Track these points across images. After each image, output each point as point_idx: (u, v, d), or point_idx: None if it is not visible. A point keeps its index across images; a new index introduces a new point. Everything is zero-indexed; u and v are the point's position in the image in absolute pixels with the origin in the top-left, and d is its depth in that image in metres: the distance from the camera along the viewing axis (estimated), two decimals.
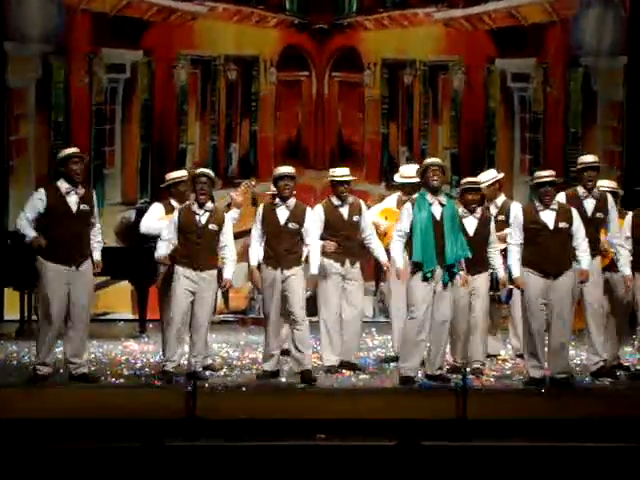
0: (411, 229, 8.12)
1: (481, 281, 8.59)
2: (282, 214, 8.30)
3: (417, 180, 8.59)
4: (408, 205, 8.23)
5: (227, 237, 8.28)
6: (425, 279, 8.07)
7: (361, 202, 8.93)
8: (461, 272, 8.23)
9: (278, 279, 8.25)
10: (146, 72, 12.53)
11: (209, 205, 8.24)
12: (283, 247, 8.27)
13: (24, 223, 8.07)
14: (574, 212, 8.19)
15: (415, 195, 8.34)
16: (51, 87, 12.29)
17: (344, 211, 8.76)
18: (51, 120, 12.29)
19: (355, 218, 8.75)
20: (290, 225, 8.28)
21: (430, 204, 8.11)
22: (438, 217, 8.11)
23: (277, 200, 8.34)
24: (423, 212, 8.10)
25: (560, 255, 8.10)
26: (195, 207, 8.22)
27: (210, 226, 8.20)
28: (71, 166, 8.06)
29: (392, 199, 9.23)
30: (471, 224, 8.54)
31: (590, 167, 8.59)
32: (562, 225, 8.10)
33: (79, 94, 12.37)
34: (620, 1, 12.63)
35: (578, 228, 8.14)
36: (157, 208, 8.68)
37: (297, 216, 8.31)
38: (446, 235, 8.07)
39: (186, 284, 8.15)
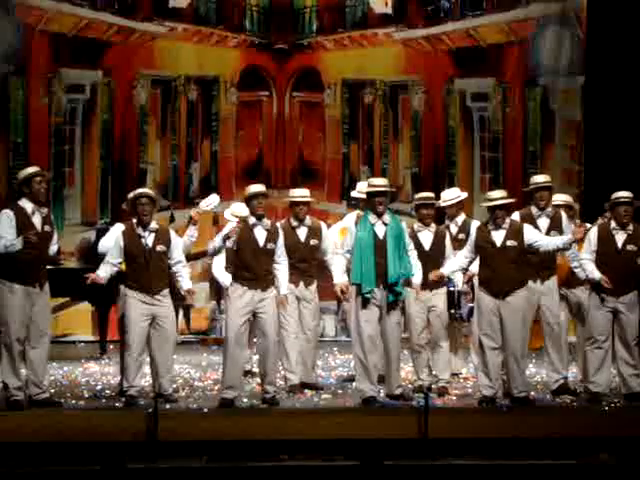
0: None
1: (439, 298, 8.61)
2: (260, 235, 8.12)
3: None
4: (352, 224, 8.31)
5: (177, 253, 8.17)
6: (365, 300, 8.06)
7: (322, 225, 8.93)
8: (409, 289, 8.25)
9: (255, 300, 8.06)
10: (106, 92, 12.51)
11: (153, 225, 8.11)
12: (263, 268, 8.10)
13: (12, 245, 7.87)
14: (525, 228, 8.16)
15: (360, 213, 8.38)
16: (10, 107, 12.24)
17: (301, 233, 8.76)
18: (10, 140, 12.24)
19: (312, 242, 8.75)
20: (269, 246, 8.13)
21: (373, 224, 8.09)
22: (381, 236, 8.10)
23: (253, 220, 8.12)
24: (363, 232, 8.09)
25: (509, 274, 8.07)
26: (139, 229, 8.08)
27: (158, 247, 8.08)
28: (34, 185, 7.93)
29: (351, 217, 9.24)
30: (427, 238, 8.60)
31: (542, 187, 8.65)
32: (510, 243, 8.08)
33: (38, 114, 12.32)
34: (577, 21, 12.76)
35: (532, 237, 8.11)
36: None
37: (273, 236, 8.17)
38: (389, 254, 8.04)
39: (141, 308, 8.05)
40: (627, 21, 12.23)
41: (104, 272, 8.07)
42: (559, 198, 8.94)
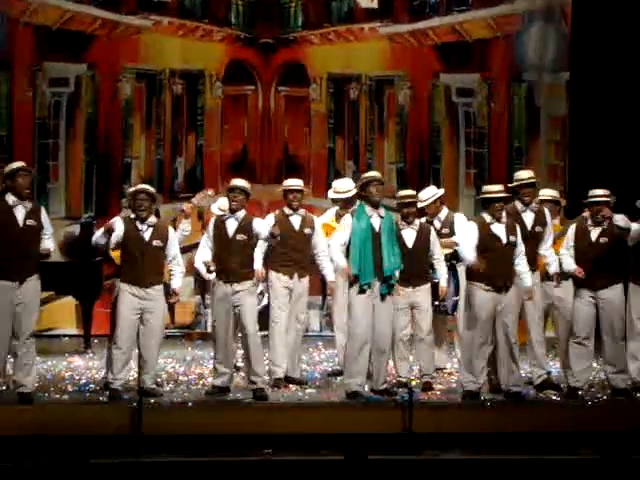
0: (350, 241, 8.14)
1: (423, 294, 8.63)
2: (231, 226, 8.23)
3: (350, 194, 8.77)
4: (348, 217, 8.29)
5: (174, 250, 8.24)
6: (362, 291, 8.09)
7: (314, 217, 8.96)
8: (396, 283, 8.27)
9: (229, 293, 8.17)
10: (90, 86, 12.45)
11: (151, 220, 8.18)
12: (233, 260, 8.18)
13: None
14: (517, 227, 8.28)
15: (355, 207, 8.40)
16: None
17: (295, 221, 8.77)
18: None
19: (307, 230, 8.76)
20: (238, 237, 8.20)
21: (369, 216, 8.14)
22: (377, 229, 8.14)
23: (226, 212, 8.30)
24: (362, 224, 8.12)
25: (510, 269, 8.18)
26: (137, 223, 8.15)
27: (154, 242, 8.14)
28: (18, 180, 7.96)
29: (330, 213, 9.27)
30: (410, 236, 8.58)
31: (526, 184, 8.69)
32: (512, 239, 8.18)
33: (22, 108, 12.25)
34: (562, 17, 12.77)
35: (520, 243, 8.23)
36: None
37: (245, 228, 8.23)
38: (383, 247, 8.10)
39: (132, 301, 8.10)
40: (612, 17, 12.25)
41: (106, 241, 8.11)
42: (546, 193, 9.00)
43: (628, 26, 12.21)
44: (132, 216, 8.20)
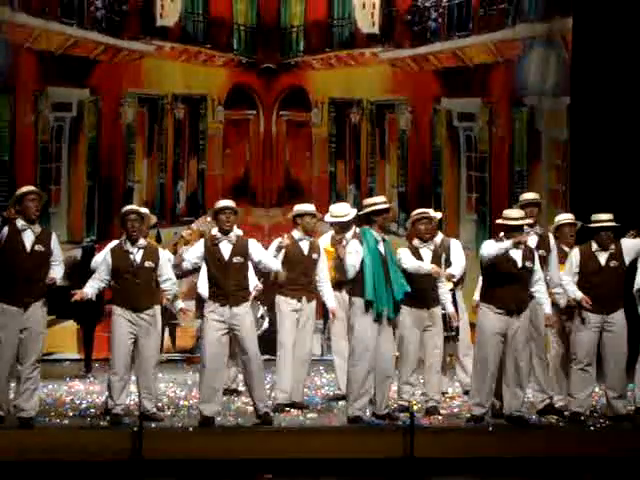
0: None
1: (436, 317, 8.56)
2: (225, 248, 8.06)
3: (347, 219, 8.75)
4: (355, 242, 8.08)
5: (166, 270, 8.18)
6: (377, 318, 7.96)
7: (319, 242, 8.95)
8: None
9: (227, 316, 7.99)
10: (93, 110, 12.51)
11: (141, 242, 8.12)
12: (231, 283, 8.04)
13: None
14: (535, 253, 8.22)
15: (357, 231, 8.33)
16: None
17: (304, 246, 8.76)
18: None
19: (314, 256, 8.74)
20: (235, 260, 8.08)
21: (377, 241, 8.03)
22: (384, 254, 8.06)
23: (218, 234, 8.08)
24: (372, 249, 7.97)
25: (523, 294, 8.12)
26: (128, 245, 8.09)
27: (146, 264, 8.08)
28: (27, 203, 7.95)
29: (326, 237, 9.26)
30: (426, 255, 8.53)
31: (531, 203, 8.71)
32: (528, 264, 8.11)
33: (24, 132, 12.31)
34: (562, 43, 12.84)
35: (538, 269, 8.18)
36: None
37: (241, 250, 8.10)
38: (391, 271, 8.02)
39: (126, 326, 8.04)
40: (612, 43, 12.31)
41: (90, 288, 8.09)
42: (563, 217, 8.99)
43: (628, 52, 12.27)
44: (123, 238, 8.14)
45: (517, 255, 8.12)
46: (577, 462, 7.53)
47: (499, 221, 8.28)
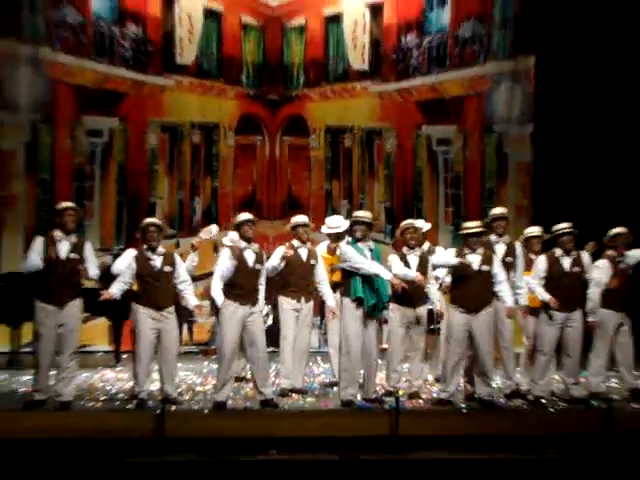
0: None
1: (421, 313, 8.60)
2: (250, 256, 8.11)
3: (340, 230, 8.77)
4: (348, 247, 8.07)
5: (182, 272, 8.22)
6: (369, 313, 8.00)
7: (317, 250, 8.96)
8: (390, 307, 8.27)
9: (246, 314, 8.01)
10: (121, 136, 12.51)
11: (160, 250, 8.17)
12: (252, 286, 8.07)
13: (33, 265, 7.98)
14: (494, 257, 8.27)
15: (346, 239, 8.34)
16: (38, 149, 12.21)
17: (302, 253, 8.77)
18: (38, 178, 12.19)
19: (312, 262, 8.74)
20: (257, 266, 8.12)
21: (362, 250, 8.06)
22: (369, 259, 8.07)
23: (243, 244, 8.12)
24: (359, 254, 8.00)
25: (483, 294, 8.13)
26: (148, 253, 8.14)
27: (165, 268, 8.13)
28: (65, 217, 8.02)
29: (323, 246, 9.27)
30: (413, 261, 8.57)
31: (499, 217, 8.75)
32: (484, 268, 8.16)
33: (63, 155, 12.30)
34: (526, 78, 12.83)
35: (499, 272, 8.19)
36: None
37: (260, 258, 8.16)
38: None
39: (149, 323, 8.07)
40: (569, 77, 12.31)
41: (116, 289, 8.12)
42: (496, 212, 8.96)
43: (583, 86, 12.25)
44: (144, 246, 8.18)
45: (474, 260, 8.15)
46: (540, 440, 7.53)
47: (460, 232, 8.38)
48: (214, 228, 8.97)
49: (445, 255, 8.51)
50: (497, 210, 8.97)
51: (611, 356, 8.75)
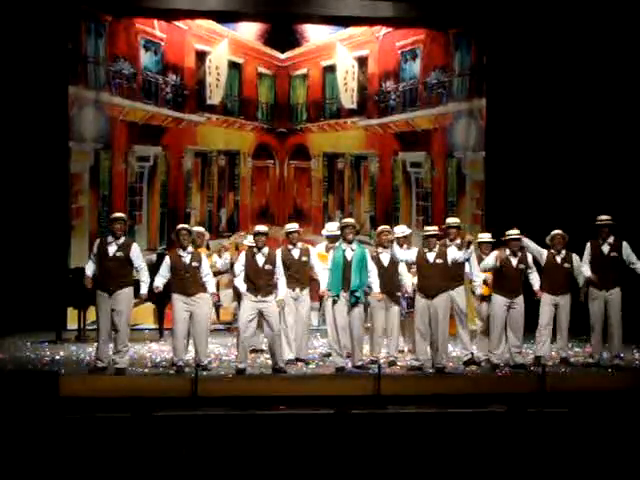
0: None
1: (394, 299, 8.62)
2: (260, 259, 8.17)
3: (337, 233, 8.75)
4: (331, 251, 8.31)
5: (206, 268, 8.22)
6: (334, 301, 8.06)
7: (309, 248, 8.97)
8: (375, 292, 8.24)
9: (258, 303, 8.06)
10: (164, 161, 12.49)
11: (190, 249, 8.19)
12: (262, 282, 8.10)
13: (89, 264, 8.07)
14: (448, 251, 8.27)
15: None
16: (99, 172, 12.20)
17: (295, 253, 8.78)
18: (99, 194, 12.19)
19: (303, 258, 8.75)
20: (266, 267, 8.18)
21: (344, 250, 8.14)
22: (349, 258, 8.14)
23: (255, 249, 8.19)
24: (337, 254, 8.13)
25: (437, 282, 8.12)
26: (180, 251, 8.16)
27: (193, 264, 8.14)
28: (114, 225, 8.08)
29: (321, 246, 9.28)
30: (385, 258, 8.58)
31: (452, 226, 8.73)
32: (439, 261, 8.19)
33: (119, 176, 12.29)
34: (479, 115, 12.86)
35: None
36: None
37: (271, 260, 8.20)
38: (353, 270, 8.08)
39: (182, 306, 8.10)
40: (514, 115, 12.35)
41: (159, 282, 8.15)
42: (449, 221, 8.91)
43: (525, 121, 12.29)
44: (177, 248, 8.21)
45: (430, 255, 8.16)
46: (489, 397, 7.56)
47: (422, 234, 8.42)
48: (243, 233, 9.07)
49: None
50: (450, 220, 8.95)
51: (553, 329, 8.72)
